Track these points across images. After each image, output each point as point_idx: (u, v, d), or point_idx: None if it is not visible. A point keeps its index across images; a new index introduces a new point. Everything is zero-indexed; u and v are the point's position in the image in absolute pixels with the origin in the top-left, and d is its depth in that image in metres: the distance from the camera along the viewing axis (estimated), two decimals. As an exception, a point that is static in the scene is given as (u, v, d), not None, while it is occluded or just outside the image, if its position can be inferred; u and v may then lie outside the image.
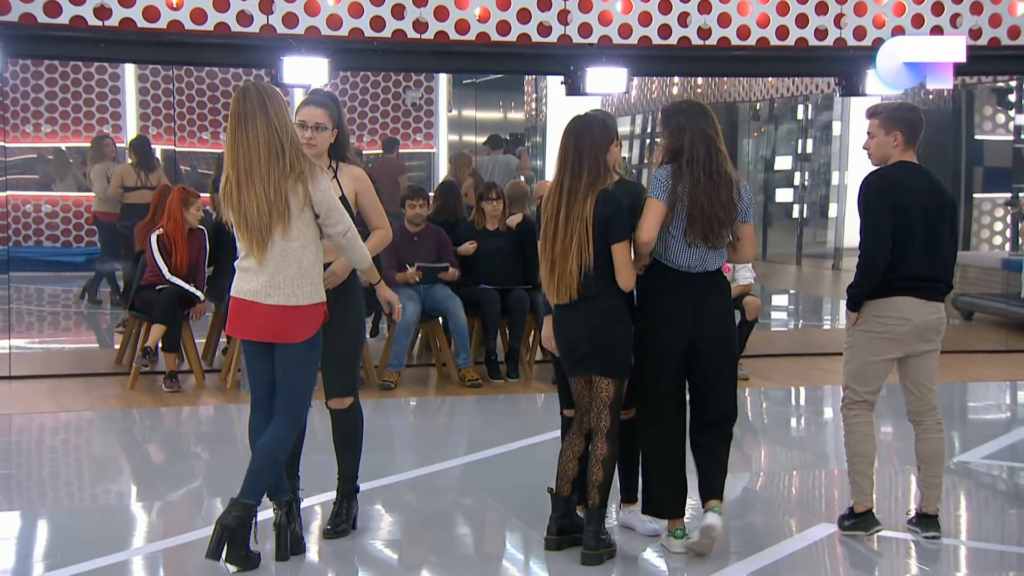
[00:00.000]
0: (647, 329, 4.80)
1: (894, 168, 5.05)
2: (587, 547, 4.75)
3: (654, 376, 4.81)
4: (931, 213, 4.94)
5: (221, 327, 8.88)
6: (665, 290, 4.79)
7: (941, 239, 4.97)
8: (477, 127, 16.57)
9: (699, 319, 4.77)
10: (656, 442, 4.86)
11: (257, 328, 4.59)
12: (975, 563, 5.11)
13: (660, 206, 4.69)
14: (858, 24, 9.54)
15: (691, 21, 9.28)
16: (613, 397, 4.76)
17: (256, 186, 4.44)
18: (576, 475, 4.85)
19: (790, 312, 13.69)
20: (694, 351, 4.79)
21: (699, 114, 4.78)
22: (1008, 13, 9.70)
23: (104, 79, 15.58)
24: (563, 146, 4.75)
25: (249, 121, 4.46)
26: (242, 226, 4.50)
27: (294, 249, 4.51)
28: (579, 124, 4.77)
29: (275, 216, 4.45)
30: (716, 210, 4.69)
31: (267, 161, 4.44)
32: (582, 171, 4.69)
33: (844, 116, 15.35)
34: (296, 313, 4.54)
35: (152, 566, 4.97)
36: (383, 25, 8.80)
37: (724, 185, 4.71)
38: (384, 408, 7.86)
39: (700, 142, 4.71)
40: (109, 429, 7.55)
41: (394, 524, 5.52)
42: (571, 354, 4.79)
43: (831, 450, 7.15)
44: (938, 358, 5.09)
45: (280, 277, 4.51)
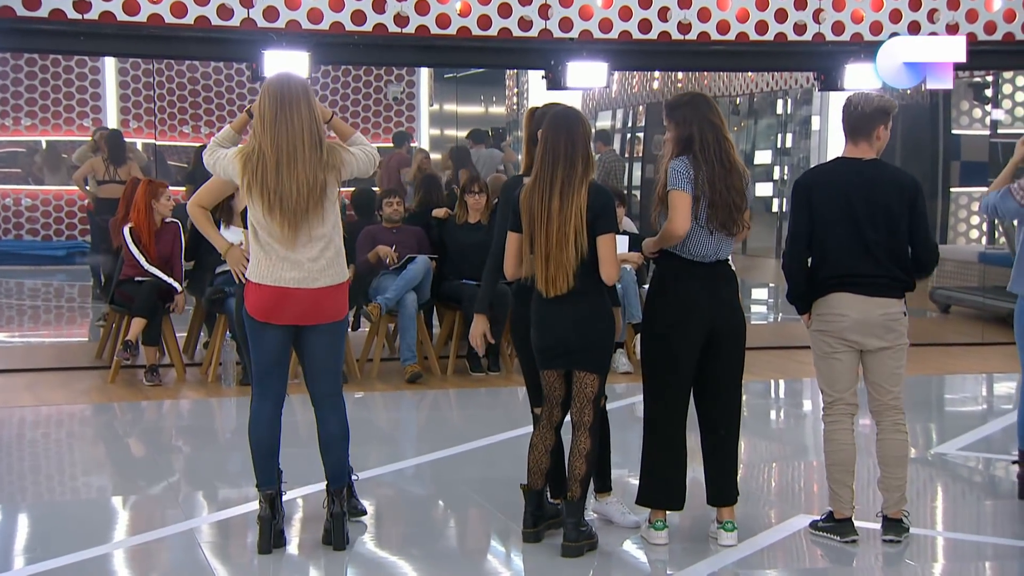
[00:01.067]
0: (667, 320, 4.80)
1: (823, 166, 5.08)
2: (567, 539, 4.76)
3: (672, 366, 4.81)
4: (859, 209, 4.82)
5: (202, 321, 8.86)
6: (683, 281, 4.79)
7: (885, 234, 4.84)
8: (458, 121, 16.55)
9: (716, 309, 4.80)
10: (665, 433, 4.86)
11: (300, 312, 4.63)
12: (951, 554, 5.13)
13: (687, 196, 4.70)
14: (836, 19, 9.56)
15: (671, 16, 9.29)
16: (597, 392, 4.78)
17: (299, 169, 4.50)
18: (549, 468, 4.85)
19: (769, 306, 13.74)
20: (711, 342, 4.81)
21: (703, 104, 4.81)
22: (985, 9, 9.74)
23: (84, 72, 15.51)
24: (554, 137, 4.69)
25: (293, 105, 4.52)
26: (276, 207, 4.51)
27: (329, 232, 4.62)
28: (569, 116, 4.76)
29: (312, 201, 4.53)
30: (733, 196, 4.73)
31: (310, 147, 4.52)
32: (576, 162, 4.67)
33: (823, 111, 15.39)
34: (341, 290, 4.69)
35: (133, 559, 4.95)
36: (364, 19, 8.78)
37: (735, 172, 4.75)
38: (365, 402, 7.85)
39: (708, 131, 4.74)
40: (90, 423, 7.52)
41: (375, 517, 5.51)
42: (552, 348, 4.76)
43: (810, 442, 7.18)
44: (899, 359, 4.94)
45: (323, 260, 4.61)
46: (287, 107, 4.51)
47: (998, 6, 9.75)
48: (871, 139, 4.89)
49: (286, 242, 4.56)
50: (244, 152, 4.57)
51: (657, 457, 4.89)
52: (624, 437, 5.93)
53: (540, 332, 4.79)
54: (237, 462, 6.18)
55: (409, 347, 8.32)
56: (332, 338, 4.75)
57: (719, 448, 4.93)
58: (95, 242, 12.29)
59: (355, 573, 4.78)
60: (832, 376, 4.99)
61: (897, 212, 4.86)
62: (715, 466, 4.94)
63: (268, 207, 4.53)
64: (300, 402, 5.05)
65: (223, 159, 4.67)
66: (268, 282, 4.61)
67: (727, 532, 4.90)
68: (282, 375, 4.80)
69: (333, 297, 4.66)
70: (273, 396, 4.78)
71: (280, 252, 4.58)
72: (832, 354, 4.96)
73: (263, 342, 4.72)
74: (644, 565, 4.86)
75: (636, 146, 19.18)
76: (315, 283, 4.60)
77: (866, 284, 4.88)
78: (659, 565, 4.83)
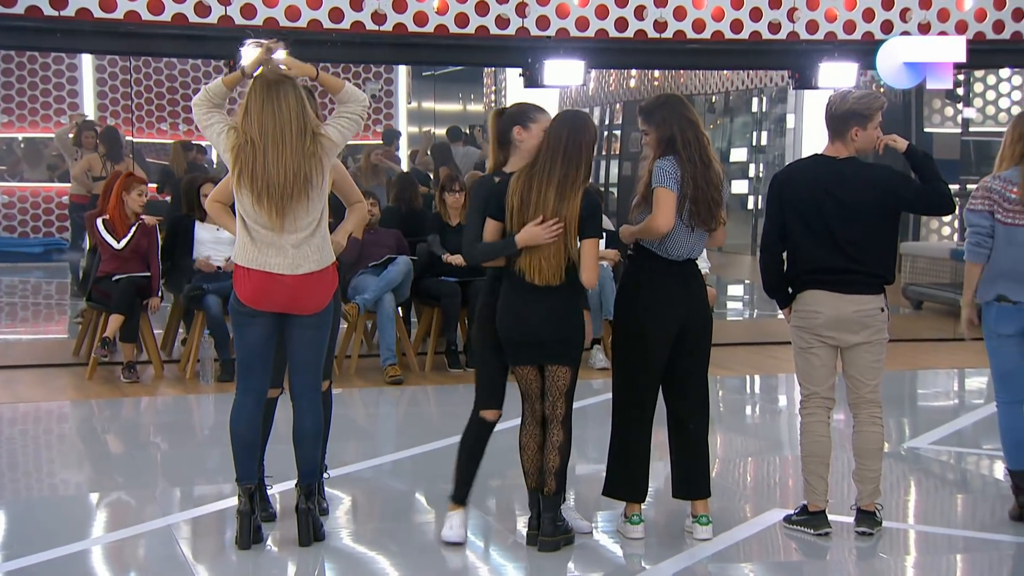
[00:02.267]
0: (640, 316, 4.82)
1: (799, 162, 5.12)
2: (544, 534, 4.76)
3: (643, 361, 4.84)
4: (829, 207, 4.83)
5: (180, 318, 8.83)
6: (657, 278, 4.83)
7: (859, 232, 4.85)
8: (436, 119, 16.53)
9: (688, 305, 4.84)
10: (634, 426, 4.89)
11: (286, 299, 4.62)
12: (923, 546, 5.17)
13: (672, 194, 4.73)
14: (810, 18, 9.60)
15: (647, 14, 9.30)
16: (570, 385, 4.80)
17: (286, 154, 4.50)
18: (543, 465, 4.82)
19: (745, 302, 13.79)
20: (682, 337, 4.84)
21: (679, 104, 4.86)
22: (956, 8, 9.80)
23: (62, 69, 15.41)
24: (561, 135, 4.68)
25: (282, 92, 4.53)
26: (263, 193, 4.51)
27: (315, 219, 4.61)
28: (582, 120, 4.78)
29: (297, 188, 4.52)
30: (712, 192, 4.78)
31: (297, 134, 4.52)
32: (580, 164, 4.68)
33: (798, 109, 15.46)
34: (325, 276, 4.66)
35: (111, 555, 4.93)
36: (341, 16, 8.76)
37: (712, 168, 4.79)
38: (344, 398, 7.84)
39: (688, 129, 4.77)
40: (67, 419, 7.48)
41: (353, 512, 5.51)
42: (527, 342, 4.75)
43: (785, 437, 7.22)
44: (877, 354, 4.96)
45: (307, 247, 4.60)
46: (274, 92, 4.52)
47: (969, 5, 9.82)
48: (845, 139, 4.92)
49: (273, 228, 4.55)
50: (235, 144, 4.56)
51: (625, 450, 4.91)
52: (600, 432, 5.92)
53: (512, 325, 4.76)
54: (215, 458, 6.16)
55: (388, 347, 8.31)
56: (315, 333, 4.74)
57: (690, 442, 4.95)
58: (73, 239, 12.25)
59: (333, 567, 4.78)
60: (809, 371, 5.02)
61: (870, 210, 4.86)
62: (686, 460, 4.96)
63: (257, 196, 4.52)
64: (284, 398, 5.03)
65: (216, 135, 4.61)
66: (255, 266, 4.60)
67: (702, 526, 4.92)
68: (265, 371, 4.78)
69: (318, 283, 4.64)
70: (254, 392, 4.77)
71: (266, 238, 4.58)
72: (808, 349, 4.99)
73: (247, 334, 4.71)
74: (620, 559, 4.87)
75: (613, 144, 19.21)
76: (299, 269, 4.59)
77: (838, 281, 4.90)
78: (635, 559, 4.85)
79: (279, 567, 4.74)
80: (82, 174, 11.55)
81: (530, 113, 4.87)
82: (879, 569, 4.88)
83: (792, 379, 8.54)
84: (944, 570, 4.92)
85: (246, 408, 4.76)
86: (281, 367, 4.97)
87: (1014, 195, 5.01)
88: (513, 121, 4.88)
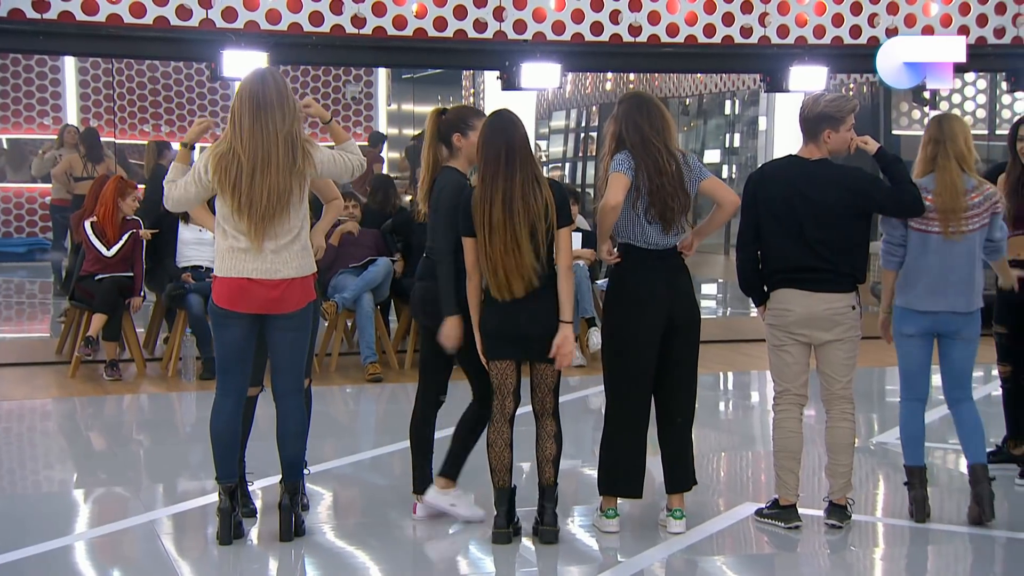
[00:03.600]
0: (627, 310, 4.82)
1: (774, 162, 5.13)
2: (545, 523, 4.77)
3: (633, 356, 4.82)
4: (800, 207, 4.85)
5: (162, 316, 8.79)
6: (640, 272, 4.83)
7: (830, 232, 4.85)
8: (415, 120, 16.51)
9: (674, 299, 4.83)
10: (628, 422, 4.86)
11: (263, 300, 4.60)
12: (891, 539, 5.20)
13: (624, 177, 4.73)
14: (781, 23, 9.65)
15: (622, 19, 9.32)
16: (557, 380, 4.83)
17: (272, 175, 4.48)
18: (512, 463, 4.82)
19: (719, 300, 13.83)
20: (670, 332, 4.83)
21: (633, 104, 4.84)
22: (922, 13, 9.87)
23: (44, 72, 15.32)
24: (493, 148, 4.65)
25: (269, 111, 4.49)
26: (245, 211, 4.50)
27: (295, 227, 4.59)
28: (512, 120, 4.75)
29: (281, 206, 4.51)
30: (667, 193, 4.74)
31: (284, 153, 4.50)
32: (528, 161, 4.68)
33: (769, 111, 15.54)
34: (305, 282, 4.66)
35: (94, 551, 4.90)
36: (322, 20, 8.73)
37: (666, 172, 4.73)
38: (324, 396, 7.81)
39: (634, 131, 4.77)
40: (51, 417, 7.42)
41: (333, 508, 5.50)
42: (512, 338, 4.73)
43: (757, 433, 7.25)
44: (849, 351, 4.96)
45: (286, 254, 4.58)
46: (261, 111, 4.48)
47: (935, 11, 9.88)
48: (818, 141, 4.94)
49: (252, 240, 4.54)
50: (218, 151, 4.53)
51: (620, 446, 4.88)
52: (577, 428, 5.95)
53: (499, 320, 4.72)
54: (197, 455, 6.13)
55: (368, 345, 8.30)
56: (296, 335, 4.72)
57: (676, 436, 4.95)
58: (56, 239, 12.19)
59: (313, 562, 4.76)
60: (781, 368, 5.04)
61: (840, 210, 4.87)
62: (672, 454, 4.96)
63: (238, 208, 4.51)
64: (265, 395, 5.01)
65: (183, 182, 4.64)
66: (233, 274, 4.59)
67: (676, 520, 4.93)
68: (244, 371, 4.76)
69: (297, 287, 4.63)
70: (234, 392, 4.75)
71: (244, 244, 4.57)
72: (781, 347, 5.01)
73: (226, 335, 4.69)
74: (596, 553, 4.87)
75: (590, 145, 19.24)
76: (277, 274, 4.58)
77: (809, 280, 4.92)
78: (610, 552, 4.85)
79: (260, 562, 4.73)
80: (63, 174, 11.49)
81: (469, 120, 4.88)
82: (849, 561, 4.90)
83: (764, 376, 8.58)
84: (911, 561, 4.95)
85: (225, 408, 4.73)
86: (261, 366, 4.95)
87: (928, 202, 4.98)
88: (453, 128, 4.88)
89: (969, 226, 5.00)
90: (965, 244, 5.01)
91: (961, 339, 5.11)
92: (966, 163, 5.05)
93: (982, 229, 5.05)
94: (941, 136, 5.04)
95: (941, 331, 5.11)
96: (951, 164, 5.01)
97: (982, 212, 5.03)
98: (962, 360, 5.16)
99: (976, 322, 5.12)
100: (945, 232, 4.99)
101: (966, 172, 5.04)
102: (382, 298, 8.60)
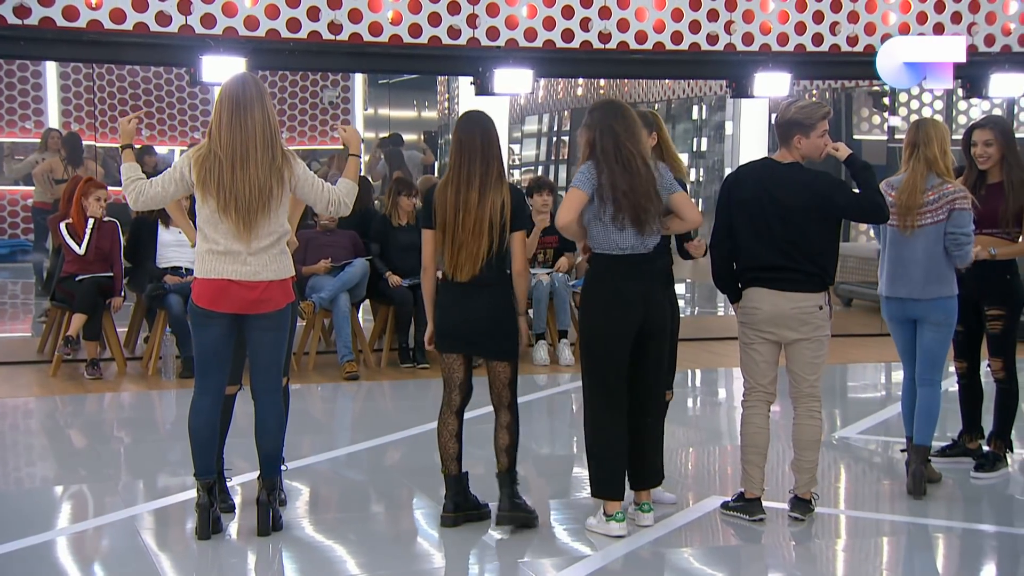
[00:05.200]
0: (600, 315, 4.76)
1: (748, 164, 5.17)
2: (500, 508, 4.79)
3: (608, 358, 4.76)
4: (770, 208, 4.88)
5: (143, 316, 8.73)
6: (613, 276, 4.77)
7: (797, 233, 4.88)
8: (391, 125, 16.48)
9: (647, 303, 4.77)
10: (609, 424, 4.79)
11: (243, 301, 4.58)
12: (853, 530, 5.23)
13: (580, 194, 4.71)
14: (746, 31, 9.69)
15: (592, 26, 9.34)
16: (511, 376, 4.85)
17: (251, 170, 4.48)
18: (458, 453, 4.86)
19: (687, 300, 13.87)
20: (644, 334, 4.78)
21: (607, 111, 4.80)
22: (881, 22, 9.96)
23: (26, 76, 15.18)
24: (469, 139, 4.74)
25: (247, 109, 4.49)
26: (230, 207, 4.49)
27: (276, 232, 4.58)
28: (483, 119, 4.79)
29: (262, 200, 4.50)
30: (638, 198, 4.69)
31: (262, 149, 4.49)
32: (493, 161, 4.73)
33: (735, 116, 15.59)
34: (284, 283, 4.65)
35: (75, 546, 4.87)
36: (299, 26, 8.70)
37: (638, 175, 4.69)
38: (301, 393, 7.79)
39: (608, 137, 4.74)
40: (32, 415, 7.36)
41: (310, 503, 5.48)
42: (462, 333, 4.78)
43: (724, 428, 7.28)
44: (816, 350, 4.99)
45: (266, 256, 4.57)
46: (241, 109, 4.49)
47: (893, 20, 9.96)
48: (790, 146, 4.97)
49: (238, 239, 4.52)
50: (199, 154, 4.54)
51: (605, 449, 4.81)
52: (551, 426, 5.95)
53: (446, 315, 4.80)
54: (177, 452, 6.09)
55: (345, 344, 8.28)
56: (275, 335, 4.70)
57: (646, 433, 4.90)
58: (37, 240, 12.11)
59: (291, 556, 4.74)
60: (750, 365, 5.07)
61: (806, 212, 4.89)
62: (641, 451, 4.90)
63: (223, 206, 4.50)
64: (243, 393, 4.99)
65: (161, 182, 4.61)
66: (213, 276, 4.58)
67: (644, 513, 4.93)
68: (222, 370, 4.74)
69: (276, 289, 4.62)
70: (212, 391, 4.73)
71: (224, 248, 4.55)
72: (751, 344, 5.04)
73: (205, 334, 4.67)
74: (566, 546, 4.87)
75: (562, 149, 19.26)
76: (257, 276, 4.57)
77: (777, 279, 4.95)
78: (579, 545, 4.84)
79: (239, 556, 4.70)
80: (43, 176, 11.44)
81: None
82: (813, 552, 4.93)
83: (731, 373, 8.63)
84: (872, 552, 4.98)
85: (203, 407, 4.71)
86: (239, 365, 4.93)
87: (891, 199, 5.24)
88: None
89: (921, 221, 5.31)
90: (921, 237, 5.32)
91: (930, 324, 5.41)
92: (936, 166, 5.32)
93: (937, 224, 5.29)
94: (917, 140, 5.37)
95: (910, 316, 5.44)
96: (920, 166, 5.34)
97: (936, 209, 5.29)
98: (931, 344, 5.44)
99: (942, 310, 5.37)
100: (901, 226, 5.34)
101: (934, 173, 5.28)
102: (358, 299, 8.59)
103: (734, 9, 9.62)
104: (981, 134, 5.68)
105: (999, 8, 10.14)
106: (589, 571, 4.54)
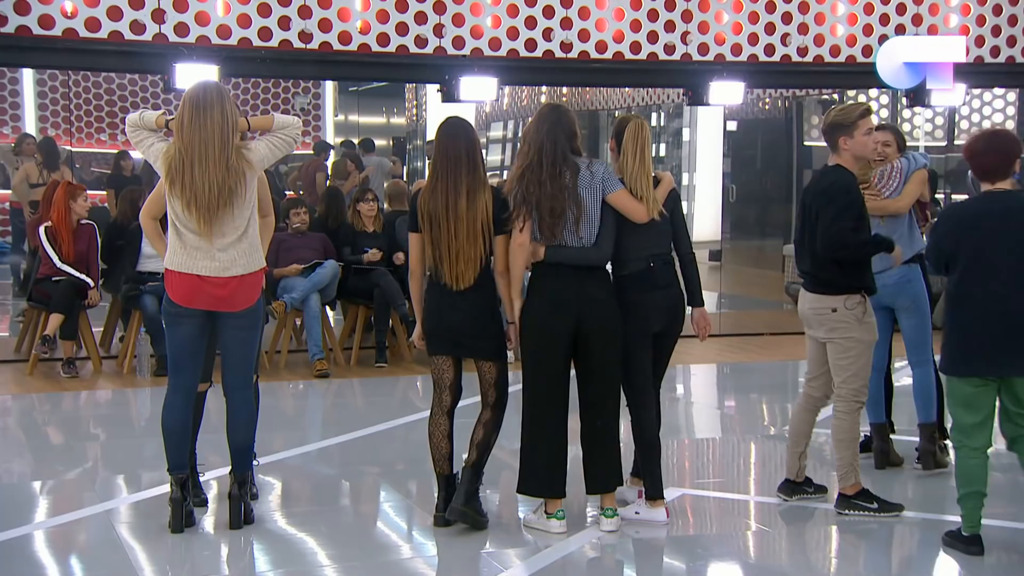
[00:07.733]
0: (537, 316, 4.69)
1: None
2: (454, 501, 4.68)
3: (543, 359, 4.69)
4: (801, 212, 4.99)
5: (118, 316, 8.65)
6: (549, 281, 4.69)
7: (808, 235, 4.90)
8: (360, 131, 16.42)
9: (582, 306, 4.65)
10: (542, 423, 4.71)
11: (214, 298, 4.55)
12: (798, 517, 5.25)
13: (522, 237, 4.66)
14: (702, 41, 9.73)
15: (554, 36, 9.35)
16: (498, 376, 4.78)
17: (210, 168, 4.45)
18: (450, 453, 4.79)
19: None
20: (581, 337, 4.67)
21: (544, 119, 4.71)
22: (830, 34, 10.03)
23: (4, 83, 14.99)
24: (453, 145, 4.65)
25: (207, 110, 4.48)
26: (191, 203, 4.48)
27: (241, 227, 4.55)
28: (464, 125, 4.71)
29: (223, 199, 4.47)
30: (548, 202, 4.60)
31: (220, 148, 4.47)
32: (477, 168, 4.65)
33: (692, 123, 15.65)
34: (254, 279, 4.61)
35: (52, 540, 4.81)
36: (270, 35, 8.65)
37: (557, 180, 4.60)
38: (273, 390, 7.75)
39: (534, 149, 4.68)
40: (9, 413, 7.27)
41: (282, 496, 5.45)
42: (448, 335, 4.72)
43: (682, 423, 7.30)
44: (838, 351, 4.94)
45: (234, 252, 4.54)
46: (201, 110, 4.48)
47: (841, 32, 10.05)
48: (837, 149, 4.96)
49: (202, 235, 4.50)
50: (168, 153, 4.53)
51: (536, 447, 4.73)
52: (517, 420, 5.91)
53: (435, 318, 4.73)
54: (151, 448, 6.03)
55: (316, 343, 8.24)
56: (246, 333, 4.68)
57: (596, 438, 4.79)
58: (15, 242, 11.98)
59: (263, 548, 4.71)
60: (808, 357, 5.19)
61: (810, 214, 4.91)
62: (593, 455, 4.80)
63: (186, 203, 4.49)
64: (215, 390, 4.96)
65: (149, 149, 4.60)
66: (183, 270, 4.55)
67: (608, 519, 4.78)
68: (194, 368, 4.71)
69: (246, 284, 4.59)
70: (184, 389, 4.69)
71: (195, 242, 4.53)
72: (808, 337, 5.15)
73: (178, 332, 4.63)
74: (529, 539, 4.84)
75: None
76: (226, 272, 4.54)
77: (805, 280, 5.07)
78: (539, 538, 4.81)
79: (211, 548, 4.67)
80: (21, 182, 11.37)
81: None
82: (763, 540, 4.96)
83: (687, 369, 8.67)
84: (823, 539, 5.01)
85: (176, 404, 4.68)
86: (210, 363, 4.90)
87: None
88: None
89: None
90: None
91: (902, 309, 5.59)
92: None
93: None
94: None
95: (886, 303, 5.52)
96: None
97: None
98: (908, 328, 5.66)
99: (907, 295, 5.54)
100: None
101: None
102: (329, 298, 8.56)
103: (690, 21, 9.67)
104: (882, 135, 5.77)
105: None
106: (551, 560, 4.52)
